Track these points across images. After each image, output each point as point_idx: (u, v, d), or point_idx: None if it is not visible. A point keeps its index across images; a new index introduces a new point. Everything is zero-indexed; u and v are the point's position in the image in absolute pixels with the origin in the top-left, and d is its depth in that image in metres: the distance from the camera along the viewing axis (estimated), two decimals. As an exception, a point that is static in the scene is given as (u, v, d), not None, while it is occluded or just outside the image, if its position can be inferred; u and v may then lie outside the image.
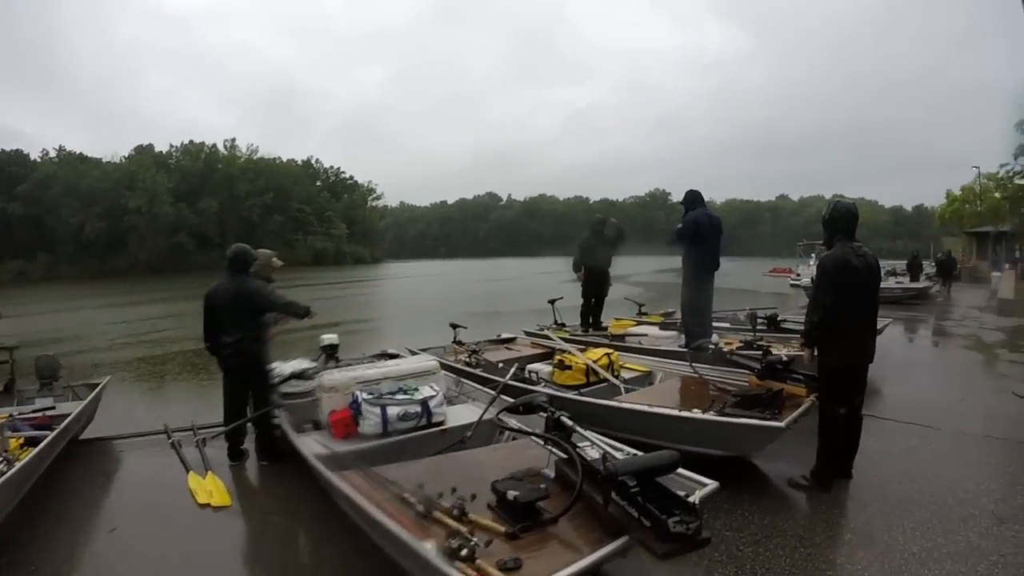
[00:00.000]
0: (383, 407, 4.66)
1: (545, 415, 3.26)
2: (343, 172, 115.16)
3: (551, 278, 28.95)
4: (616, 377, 6.53)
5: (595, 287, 10.40)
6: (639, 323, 10.51)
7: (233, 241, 6.47)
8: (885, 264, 24.54)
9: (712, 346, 6.31)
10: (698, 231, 7.86)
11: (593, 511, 2.72)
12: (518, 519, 2.72)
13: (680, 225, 8.04)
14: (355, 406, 4.71)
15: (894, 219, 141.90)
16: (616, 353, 6.92)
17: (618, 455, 2.87)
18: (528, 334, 9.68)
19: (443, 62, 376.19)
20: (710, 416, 4.53)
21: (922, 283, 23.00)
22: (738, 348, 7.86)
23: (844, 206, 4.65)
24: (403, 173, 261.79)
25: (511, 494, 2.79)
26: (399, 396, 4.87)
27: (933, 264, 29.24)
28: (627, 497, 2.51)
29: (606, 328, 10.11)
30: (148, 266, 75.28)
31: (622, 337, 9.20)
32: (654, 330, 9.25)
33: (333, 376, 5.11)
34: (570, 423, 3.15)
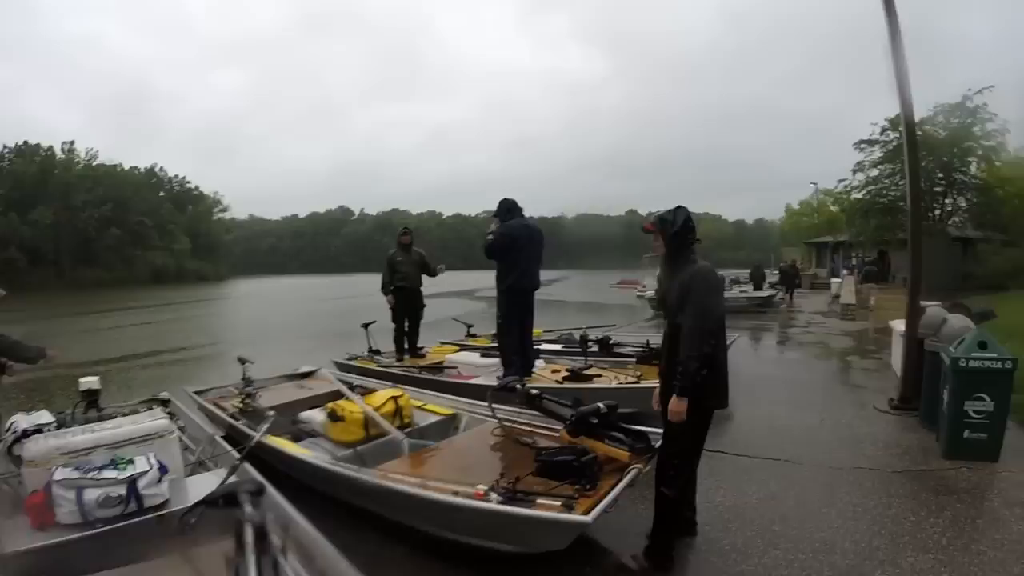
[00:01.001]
0: (79, 489, 3.18)
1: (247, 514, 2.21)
2: (188, 182, 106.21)
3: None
4: (406, 427, 5.12)
5: (407, 309, 9.04)
6: (462, 348, 9.13)
7: (68, 258, 4.56)
8: (728, 273, 24.88)
9: (519, 386, 4.90)
10: (513, 244, 6.68)
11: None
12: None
13: (490, 236, 6.78)
14: (48, 487, 3.21)
15: (737, 232, 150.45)
16: (406, 395, 5.48)
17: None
18: (338, 365, 8.37)
19: (305, 72, 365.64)
20: (485, 505, 3.13)
21: (766, 292, 23.20)
22: (564, 377, 6.68)
23: (687, 212, 3.53)
24: (255, 184, 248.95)
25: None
26: (106, 473, 3.27)
27: (776, 273, 30.02)
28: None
29: (424, 355, 9.01)
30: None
31: (439, 367, 8.00)
32: (475, 357, 7.93)
33: (38, 444, 3.49)
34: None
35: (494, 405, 4.87)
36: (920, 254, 7.24)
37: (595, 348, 7.84)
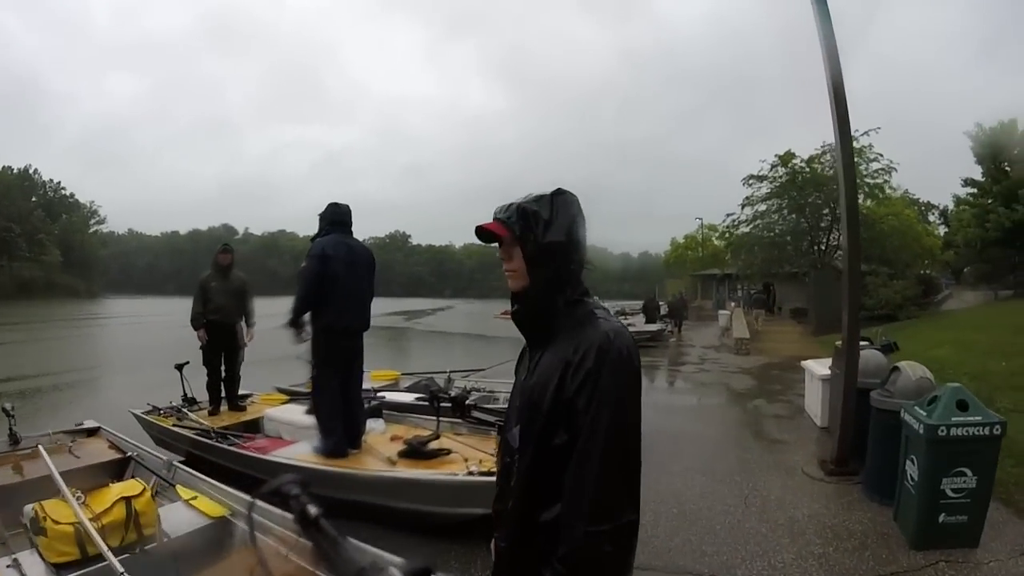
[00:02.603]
0: None
1: None
2: (63, 188, 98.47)
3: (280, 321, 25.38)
4: (148, 540, 3.31)
5: (220, 349, 7.12)
6: (293, 398, 7.18)
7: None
8: (613, 305, 24.03)
9: (296, 493, 2.91)
10: (327, 268, 4.96)
11: None
12: None
13: (304, 262, 5.08)
14: None
15: (622, 264, 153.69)
16: (148, 494, 3.62)
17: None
18: (138, 420, 6.66)
19: (202, 84, 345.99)
20: None
21: (656, 325, 22.27)
22: (401, 452, 4.96)
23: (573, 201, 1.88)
24: (138, 197, 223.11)
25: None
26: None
27: (663, 305, 29.55)
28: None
29: (245, 407, 7.20)
30: None
31: (256, 425, 6.41)
32: (301, 414, 5.96)
33: None
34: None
35: (264, 518, 2.95)
36: (858, 284, 6.00)
37: (448, 404, 6.00)
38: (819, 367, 7.83)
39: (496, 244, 1.57)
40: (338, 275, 4.95)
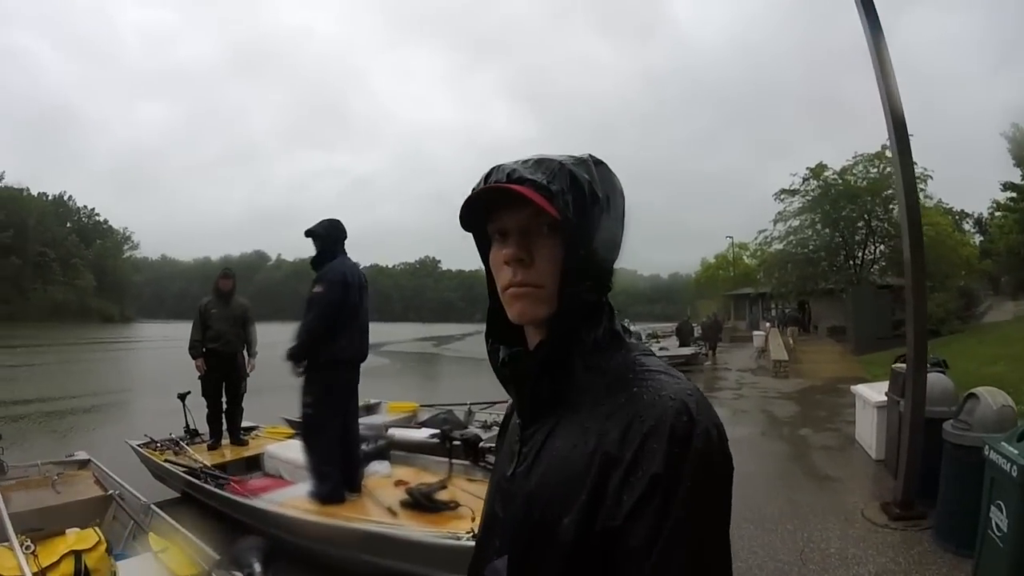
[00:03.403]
0: None
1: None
2: (97, 215, 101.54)
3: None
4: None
5: (221, 379, 6.76)
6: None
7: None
8: (644, 328, 23.41)
9: (251, 566, 2.44)
10: (347, 296, 4.59)
11: None
12: None
13: (319, 287, 4.60)
14: None
15: (652, 285, 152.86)
16: (103, 549, 3.31)
17: None
18: (135, 451, 6.33)
19: (231, 112, 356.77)
20: None
21: (690, 349, 21.57)
22: (403, 503, 4.43)
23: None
24: (171, 223, 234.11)
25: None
26: None
27: (697, 327, 28.91)
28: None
29: (247, 441, 6.79)
30: None
31: (256, 461, 6.02)
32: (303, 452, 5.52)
33: None
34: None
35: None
36: (924, 299, 5.34)
37: (460, 445, 5.47)
38: (872, 392, 7.20)
39: (495, 232, 0.89)
40: (355, 303, 4.58)
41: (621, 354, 0.86)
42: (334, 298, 4.52)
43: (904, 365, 5.49)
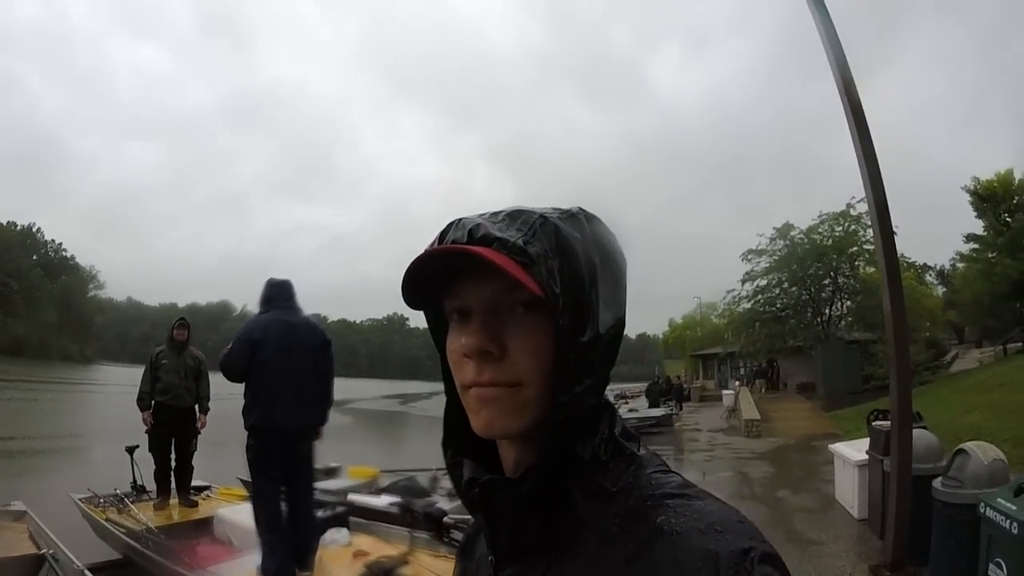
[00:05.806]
0: None
1: None
2: (64, 250, 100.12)
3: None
4: None
5: (170, 434, 6.48)
6: None
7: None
8: (613, 388, 23.36)
9: None
10: (254, 356, 4.13)
11: None
12: None
13: (230, 344, 4.28)
14: None
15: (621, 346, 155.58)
16: None
17: None
18: (80, 506, 6.01)
19: (218, 160, 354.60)
20: None
21: (660, 410, 21.46)
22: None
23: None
24: (141, 266, 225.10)
25: None
26: None
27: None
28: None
29: (197, 502, 6.39)
30: None
31: (207, 525, 5.59)
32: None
33: None
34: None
35: None
36: (906, 355, 5.30)
37: (427, 524, 5.16)
38: (851, 451, 7.14)
39: (453, 311, 0.67)
40: (267, 363, 4.12)
41: (631, 472, 0.64)
42: (231, 360, 4.16)
43: (884, 423, 5.43)
